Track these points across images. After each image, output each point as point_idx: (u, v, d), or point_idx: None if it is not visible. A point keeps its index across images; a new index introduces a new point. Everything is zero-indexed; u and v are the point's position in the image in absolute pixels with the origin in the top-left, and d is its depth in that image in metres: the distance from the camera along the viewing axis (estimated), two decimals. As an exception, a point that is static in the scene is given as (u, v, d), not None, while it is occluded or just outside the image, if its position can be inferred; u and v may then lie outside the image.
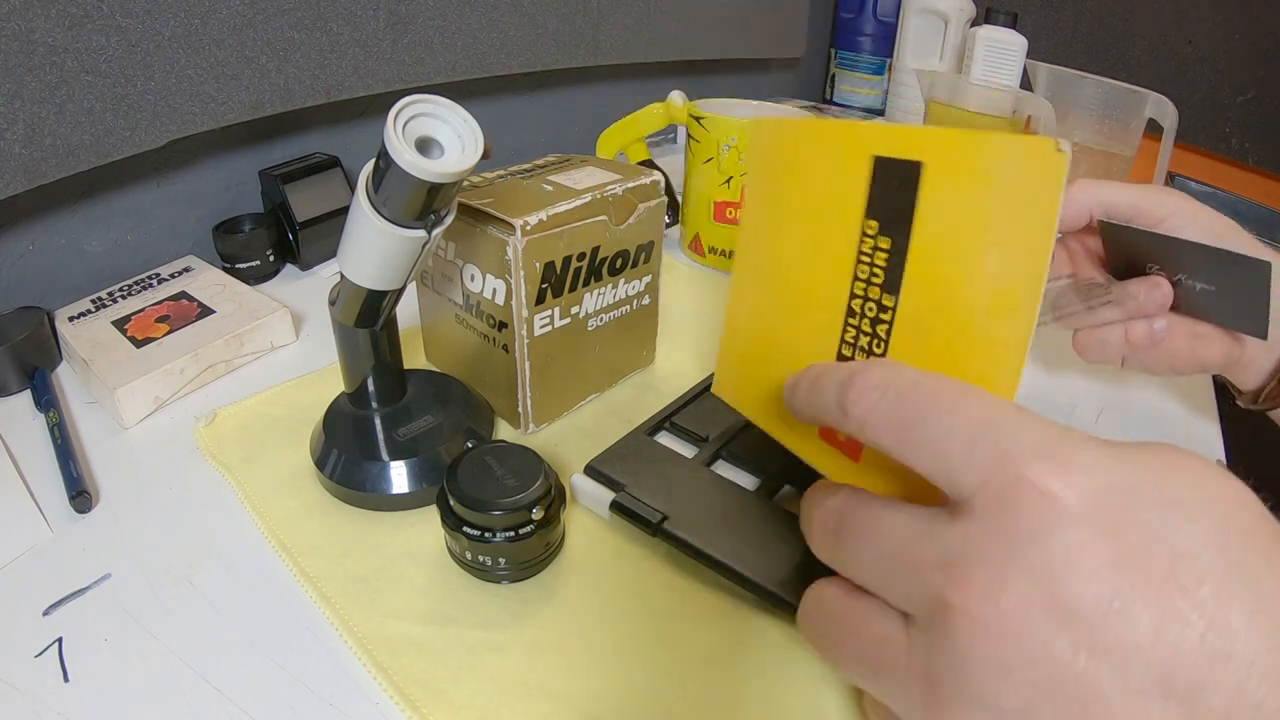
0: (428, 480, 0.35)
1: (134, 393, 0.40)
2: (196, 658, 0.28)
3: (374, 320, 0.34)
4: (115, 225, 0.53)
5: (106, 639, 0.29)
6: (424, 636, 0.29)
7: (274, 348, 0.48)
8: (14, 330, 0.44)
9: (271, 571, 0.32)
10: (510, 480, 0.31)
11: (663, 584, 0.32)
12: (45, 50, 0.42)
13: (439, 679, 0.27)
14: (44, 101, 0.43)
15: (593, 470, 0.36)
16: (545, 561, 0.32)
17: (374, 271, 0.32)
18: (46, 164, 0.44)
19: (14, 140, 0.42)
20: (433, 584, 0.31)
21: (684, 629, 0.30)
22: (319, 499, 0.36)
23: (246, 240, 0.54)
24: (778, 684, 0.28)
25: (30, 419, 0.41)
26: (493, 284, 0.37)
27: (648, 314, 0.44)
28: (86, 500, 0.35)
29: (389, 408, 0.38)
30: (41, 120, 0.43)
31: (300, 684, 0.28)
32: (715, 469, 0.37)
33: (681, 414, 0.40)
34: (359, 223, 0.30)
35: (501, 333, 0.38)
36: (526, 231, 0.34)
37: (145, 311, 0.47)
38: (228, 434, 0.40)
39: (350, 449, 0.36)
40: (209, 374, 0.44)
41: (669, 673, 0.28)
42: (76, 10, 0.43)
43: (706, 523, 0.32)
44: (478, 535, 0.30)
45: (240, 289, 0.50)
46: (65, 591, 0.31)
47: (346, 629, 0.29)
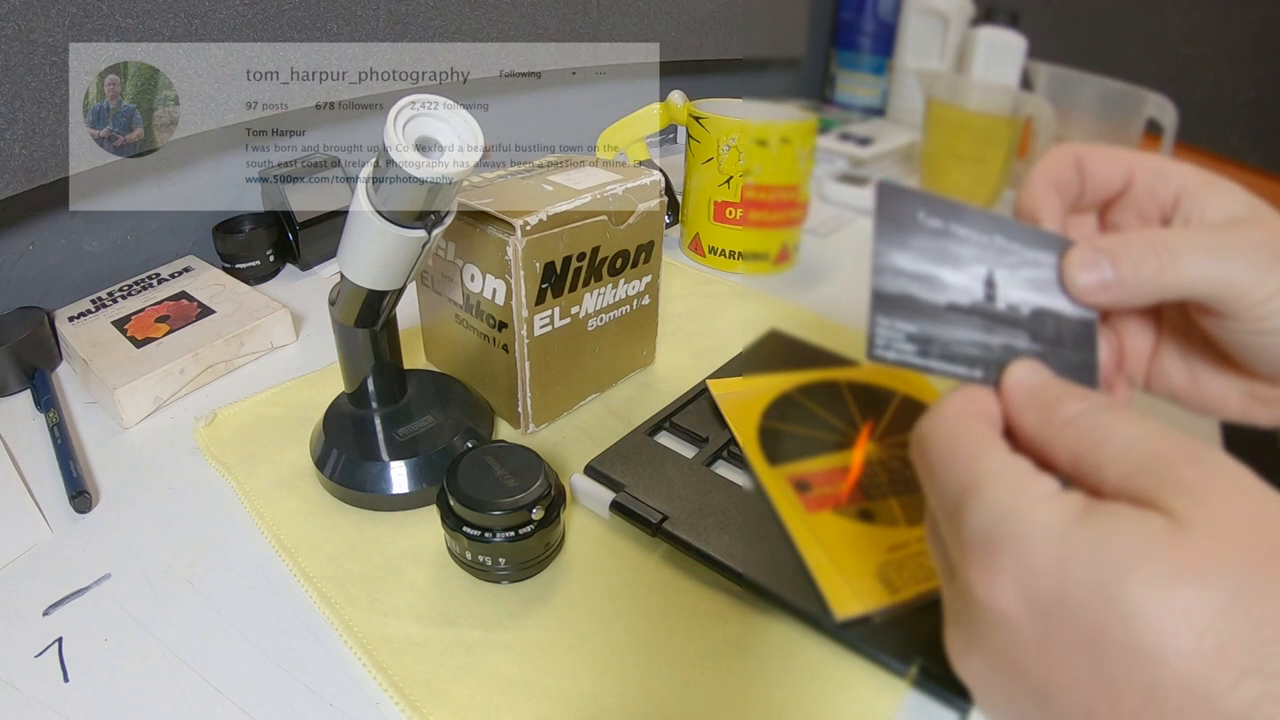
0: (428, 480, 0.35)
1: (134, 393, 0.40)
2: (196, 658, 0.28)
3: (374, 320, 0.34)
4: (115, 225, 0.53)
5: (106, 639, 0.29)
6: (424, 636, 0.29)
7: (274, 348, 0.48)
8: (14, 330, 0.44)
9: (271, 571, 0.32)
10: (510, 480, 0.31)
11: (663, 584, 0.32)
12: (45, 50, 0.42)
13: (439, 679, 0.27)
14: (44, 101, 0.43)
15: (593, 470, 0.36)
16: (545, 561, 0.32)
17: (374, 271, 0.32)
18: (46, 164, 0.44)
19: (14, 140, 0.42)
20: (432, 584, 0.31)
21: (684, 629, 0.30)
22: (319, 499, 0.36)
23: (246, 240, 0.54)
24: (778, 684, 0.28)
25: (30, 419, 0.41)
26: (493, 284, 0.37)
27: (648, 314, 0.44)
28: (86, 500, 0.35)
29: (389, 408, 0.38)
30: (41, 120, 0.43)
31: (300, 684, 0.28)
32: (715, 469, 0.37)
33: (681, 414, 0.40)
34: (359, 223, 0.30)
35: (501, 333, 0.38)
36: (526, 231, 0.34)
37: (145, 311, 0.47)
38: (228, 434, 0.40)
39: (350, 449, 0.36)
40: (209, 374, 0.44)
41: (669, 673, 0.28)
42: (76, 10, 0.43)
43: (706, 523, 0.32)
44: (478, 535, 0.30)
45: (240, 289, 0.50)
46: (65, 591, 0.31)
47: (346, 629, 0.29)
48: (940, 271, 0.22)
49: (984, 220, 0.23)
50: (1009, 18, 0.88)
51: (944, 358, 0.22)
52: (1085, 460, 0.19)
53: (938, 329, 0.22)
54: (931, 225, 0.23)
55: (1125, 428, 0.19)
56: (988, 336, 0.23)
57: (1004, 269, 0.23)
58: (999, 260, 0.23)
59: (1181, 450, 0.18)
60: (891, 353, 0.22)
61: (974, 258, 0.23)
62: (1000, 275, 0.23)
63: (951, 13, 0.96)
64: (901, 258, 0.22)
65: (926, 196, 0.23)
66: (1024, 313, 0.23)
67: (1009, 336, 0.23)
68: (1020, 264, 0.23)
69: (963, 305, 0.23)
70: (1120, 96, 0.77)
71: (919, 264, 0.22)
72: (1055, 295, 0.24)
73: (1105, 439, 0.19)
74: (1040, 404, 0.21)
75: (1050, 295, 0.24)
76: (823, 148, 0.86)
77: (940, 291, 0.22)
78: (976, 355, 0.22)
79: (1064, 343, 0.23)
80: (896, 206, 0.22)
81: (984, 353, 0.23)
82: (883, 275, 0.22)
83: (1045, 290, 0.23)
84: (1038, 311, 0.23)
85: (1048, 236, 0.24)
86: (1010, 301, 0.23)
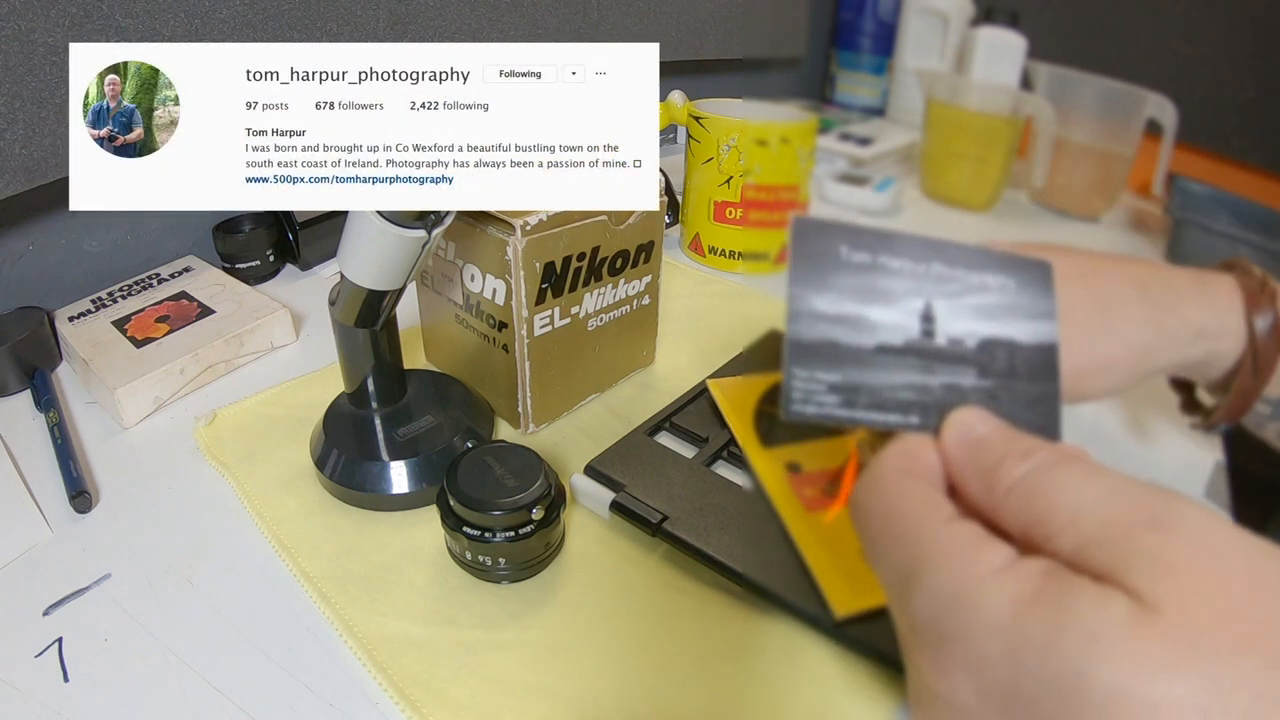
0: (428, 480, 0.35)
1: (134, 393, 0.40)
2: (196, 658, 0.28)
3: (374, 320, 0.34)
4: (115, 225, 0.53)
5: (106, 639, 0.29)
6: (424, 636, 0.29)
7: (274, 348, 0.48)
8: (14, 330, 0.44)
9: (271, 571, 0.32)
10: (510, 480, 0.31)
11: (663, 584, 0.32)
12: (45, 50, 0.42)
13: (439, 679, 0.27)
14: (44, 101, 0.43)
15: (593, 470, 0.36)
16: (545, 561, 0.32)
17: (374, 271, 0.32)
18: (46, 164, 0.44)
19: (14, 140, 0.42)
20: (432, 584, 0.31)
21: (684, 629, 0.30)
22: (319, 499, 0.36)
23: (246, 240, 0.54)
24: (778, 683, 0.28)
25: (30, 419, 0.41)
26: (493, 284, 0.37)
27: (648, 314, 0.44)
28: (86, 500, 0.35)
29: (389, 408, 0.38)
30: (41, 120, 0.43)
31: (300, 684, 0.28)
32: (715, 469, 0.37)
33: (681, 414, 0.40)
34: (359, 223, 0.30)
35: (501, 333, 0.38)
36: (526, 231, 0.34)
37: (145, 311, 0.47)
38: (228, 434, 0.40)
39: (350, 449, 0.36)
40: (209, 374, 0.44)
41: (669, 673, 0.28)
42: (76, 10, 0.43)
43: (706, 523, 0.32)
44: (478, 535, 0.30)
45: (240, 289, 0.50)
46: (65, 591, 0.31)
47: (346, 629, 0.29)
48: (868, 311, 0.20)
49: (919, 247, 0.21)
50: (1009, 18, 0.88)
51: (873, 407, 0.20)
52: (1034, 530, 0.17)
53: (865, 375, 0.20)
54: (857, 260, 0.21)
55: (1075, 491, 0.17)
56: (926, 377, 0.21)
57: (944, 299, 0.21)
58: (938, 290, 0.21)
59: (1140, 513, 0.16)
60: (811, 407, 0.20)
61: (908, 290, 0.21)
62: (940, 307, 0.21)
63: (951, 13, 0.96)
64: (821, 300, 0.20)
65: (850, 229, 0.21)
66: (969, 346, 0.21)
67: (952, 374, 0.21)
68: (964, 291, 0.21)
69: (895, 346, 0.21)
70: (1120, 96, 0.77)
71: (842, 305, 0.20)
72: (1007, 321, 0.21)
73: (1053, 506, 0.17)
74: (979, 469, 0.19)
75: (1001, 322, 0.21)
76: (823, 148, 0.86)
77: (868, 333, 0.20)
78: (913, 400, 0.20)
79: (1018, 374, 0.21)
80: (815, 243, 0.20)
81: (922, 396, 0.20)
82: (799, 322, 0.20)
83: (995, 317, 0.21)
84: (986, 342, 0.21)
85: (995, 257, 0.22)
86: (952, 335, 0.21)
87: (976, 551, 0.17)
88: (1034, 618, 0.15)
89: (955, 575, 0.17)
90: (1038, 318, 0.22)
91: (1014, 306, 0.22)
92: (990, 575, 0.16)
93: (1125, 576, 0.15)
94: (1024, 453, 0.18)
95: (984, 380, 0.21)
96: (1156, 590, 0.15)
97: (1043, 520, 0.17)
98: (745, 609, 0.31)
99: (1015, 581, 0.16)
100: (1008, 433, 0.19)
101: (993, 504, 0.18)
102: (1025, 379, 0.21)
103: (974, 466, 0.19)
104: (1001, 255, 0.22)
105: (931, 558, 0.17)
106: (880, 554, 0.19)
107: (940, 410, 0.20)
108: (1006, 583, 0.16)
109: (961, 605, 0.16)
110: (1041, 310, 0.22)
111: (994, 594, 0.16)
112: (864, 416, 0.20)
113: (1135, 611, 0.15)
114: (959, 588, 0.17)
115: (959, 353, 0.21)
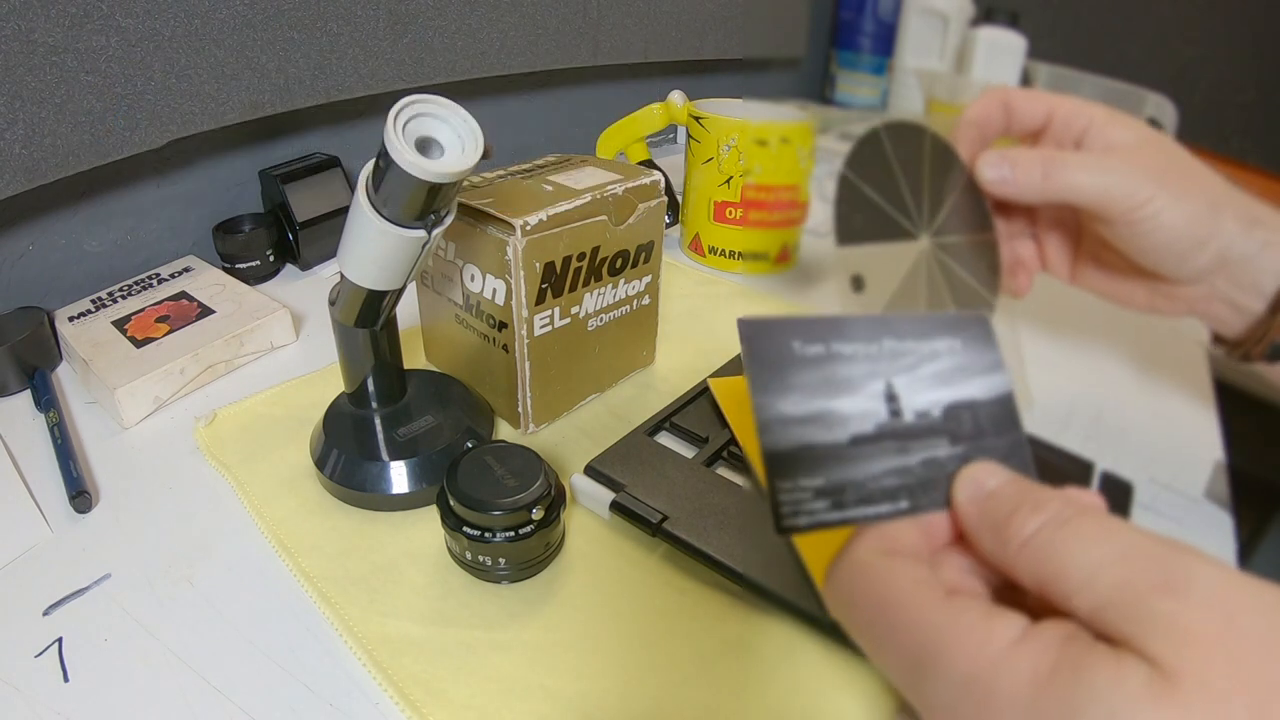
0: (428, 480, 0.35)
1: (134, 393, 0.40)
2: (196, 658, 0.28)
3: (374, 320, 0.34)
4: (115, 225, 0.53)
5: (106, 639, 0.29)
6: (424, 636, 0.29)
7: (274, 348, 0.48)
8: (14, 330, 0.44)
9: (271, 571, 0.32)
10: (510, 480, 0.31)
11: (663, 584, 0.32)
12: (45, 50, 0.42)
13: (439, 679, 0.27)
14: (44, 101, 0.43)
15: (593, 470, 0.36)
16: (545, 561, 0.32)
17: (374, 271, 0.32)
18: (46, 164, 0.44)
19: (14, 140, 0.42)
20: (432, 584, 0.31)
21: (684, 629, 0.30)
22: (319, 499, 0.36)
23: (246, 240, 0.54)
24: (778, 683, 0.28)
25: (30, 419, 0.41)
26: (493, 284, 0.37)
27: (648, 314, 0.44)
28: (86, 500, 0.35)
29: (389, 408, 0.38)
30: (41, 120, 0.43)
31: (300, 684, 0.28)
32: (715, 469, 0.37)
33: (681, 414, 0.40)
34: (359, 223, 0.30)
35: (501, 333, 0.38)
36: (526, 231, 0.34)
37: (145, 311, 0.47)
38: (228, 434, 0.40)
39: (350, 449, 0.36)
40: (209, 374, 0.44)
41: (669, 673, 0.28)
42: (76, 10, 0.43)
43: (706, 523, 0.32)
44: (478, 535, 0.30)
45: (240, 289, 0.50)
46: (65, 591, 0.31)
47: (346, 629, 0.29)
48: (834, 404, 0.20)
49: (866, 327, 0.21)
50: (1009, 18, 0.88)
51: (862, 502, 0.19)
52: (1050, 588, 0.17)
53: (847, 472, 0.20)
54: (811, 353, 0.20)
55: (1089, 547, 0.17)
56: (904, 458, 0.20)
57: (902, 375, 0.21)
58: (894, 367, 0.21)
59: (1155, 576, 0.16)
60: (803, 519, 0.19)
61: (867, 374, 0.20)
62: (900, 383, 0.21)
63: (951, 13, 0.96)
64: (786, 403, 0.19)
65: (797, 323, 0.20)
66: (936, 415, 0.21)
67: (927, 449, 0.20)
68: (918, 362, 0.21)
69: (868, 433, 0.20)
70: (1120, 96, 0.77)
71: (808, 403, 0.20)
72: (963, 382, 0.21)
73: (1066, 564, 0.17)
74: (991, 525, 0.19)
75: (958, 385, 0.21)
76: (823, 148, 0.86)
77: (839, 427, 0.20)
78: (898, 485, 0.20)
79: (985, 432, 0.21)
80: (766, 345, 0.20)
81: (904, 478, 0.20)
82: (771, 432, 0.19)
83: (952, 381, 0.21)
84: (950, 409, 0.21)
85: (937, 320, 0.22)
86: (918, 409, 0.21)
87: (987, 629, 0.17)
88: (1053, 695, 0.15)
89: (969, 658, 0.17)
90: (988, 371, 0.22)
91: (966, 366, 0.22)
92: (1005, 651, 0.16)
93: (1142, 644, 0.15)
94: (1035, 505, 0.18)
95: (957, 447, 0.21)
96: (1174, 659, 0.15)
97: (1058, 578, 0.17)
98: (745, 609, 0.31)
99: (1031, 655, 0.16)
100: (1019, 484, 0.19)
101: (1007, 559, 0.18)
102: (993, 434, 0.21)
103: (986, 523, 0.19)
104: (942, 317, 0.22)
105: (940, 643, 0.17)
106: (879, 642, 0.19)
107: (925, 488, 0.20)
108: (1023, 658, 0.16)
109: (981, 688, 0.16)
110: (990, 363, 0.22)
111: (1011, 672, 0.16)
112: (855, 514, 0.20)
113: (1153, 682, 0.15)
114: (975, 671, 0.16)
115: (928, 425, 0.21)
